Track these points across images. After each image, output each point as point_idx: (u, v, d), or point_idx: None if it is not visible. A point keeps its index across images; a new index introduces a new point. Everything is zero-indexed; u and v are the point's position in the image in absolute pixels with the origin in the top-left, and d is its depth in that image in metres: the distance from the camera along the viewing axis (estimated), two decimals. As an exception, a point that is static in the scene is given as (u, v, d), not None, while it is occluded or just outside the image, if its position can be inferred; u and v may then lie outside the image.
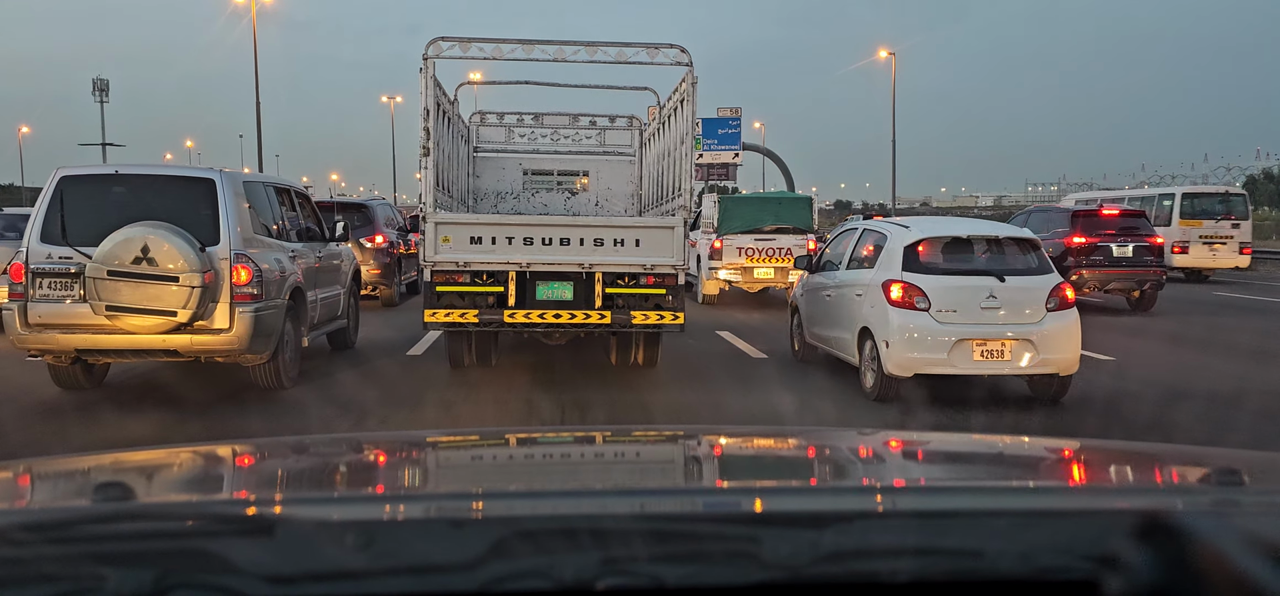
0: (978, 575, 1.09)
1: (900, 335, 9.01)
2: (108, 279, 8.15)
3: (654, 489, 1.68)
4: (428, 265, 9.43)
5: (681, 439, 2.35)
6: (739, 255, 18.52)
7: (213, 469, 1.82)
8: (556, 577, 1.07)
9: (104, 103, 79.71)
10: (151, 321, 8.28)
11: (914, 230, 9.75)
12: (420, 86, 9.60)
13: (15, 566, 1.11)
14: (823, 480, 1.84)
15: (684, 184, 10.02)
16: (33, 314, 8.44)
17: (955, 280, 9.23)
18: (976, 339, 8.94)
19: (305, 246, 10.30)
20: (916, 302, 9.08)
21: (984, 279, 9.19)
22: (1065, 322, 9.12)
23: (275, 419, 8.35)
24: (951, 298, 9.09)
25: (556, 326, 9.65)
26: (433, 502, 1.41)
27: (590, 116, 14.69)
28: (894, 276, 9.23)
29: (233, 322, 8.53)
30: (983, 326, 8.98)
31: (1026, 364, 8.99)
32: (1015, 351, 8.94)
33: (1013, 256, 9.57)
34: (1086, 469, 1.87)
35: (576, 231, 9.62)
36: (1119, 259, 18.32)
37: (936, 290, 9.09)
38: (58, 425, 8.10)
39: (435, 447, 2.19)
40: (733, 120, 49.60)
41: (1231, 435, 8.10)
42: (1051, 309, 9.10)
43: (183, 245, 8.23)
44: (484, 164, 14.47)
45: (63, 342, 8.50)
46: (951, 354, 8.93)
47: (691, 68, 9.84)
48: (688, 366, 11.01)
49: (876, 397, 9.20)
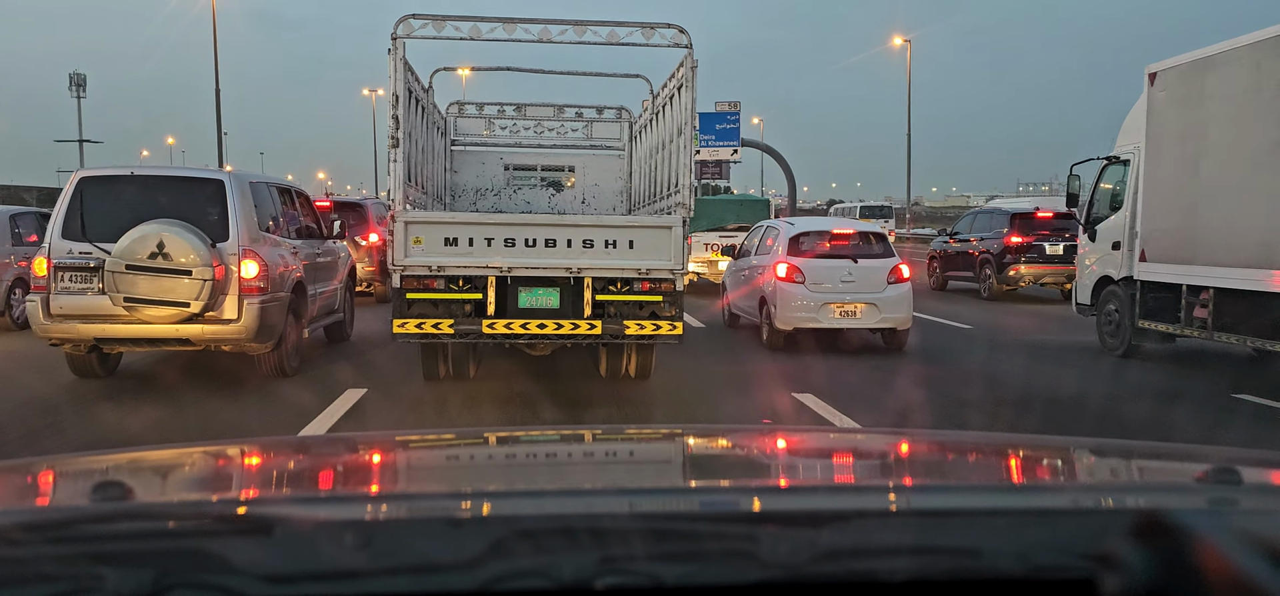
0: (975, 574, 1.01)
1: (784, 300, 11.51)
2: (125, 272, 8.09)
3: (652, 488, 1.57)
4: (397, 270, 7.85)
5: (680, 438, 2.22)
6: (705, 250, 18.85)
7: (212, 468, 1.69)
8: (555, 577, 0.98)
9: (82, 98, 71.33)
10: (166, 312, 8.23)
11: (798, 226, 12.48)
12: (389, 70, 7.96)
13: (14, 566, 1.01)
14: (821, 479, 1.73)
15: (682, 179, 8.41)
16: (55, 305, 8.38)
17: (824, 262, 11.72)
18: (837, 303, 11.46)
19: (305, 244, 10.17)
20: (796, 278, 11.57)
21: (844, 262, 11.72)
22: (901, 292, 11.61)
23: (274, 404, 8.28)
24: (821, 274, 11.58)
25: (541, 337, 8.09)
26: (432, 502, 1.30)
27: (577, 108, 12.91)
28: (783, 257, 11.75)
29: (241, 314, 8.47)
30: (842, 294, 11.49)
31: (873, 320, 11.56)
32: (865, 312, 11.49)
33: (866, 245, 12.09)
34: (1084, 468, 1.77)
35: (564, 232, 8.05)
36: (1051, 256, 18.89)
37: (810, 269, 11.60)
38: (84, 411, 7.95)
39: (434, 447, 2.06)
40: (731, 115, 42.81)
41: (1002, 368, 10.88)
42: (891, 282, 11.61)
43: (195, 241, 8.20)
44: (462, 158, 12.64)
45: (83, 332, 8.44)
46: (819, 313, 11.44)
47: (691, 50, 8.16)
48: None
49: (768, 346, 11.68)
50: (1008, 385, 9.62)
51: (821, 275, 11.55)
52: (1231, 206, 9.57)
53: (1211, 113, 9.90)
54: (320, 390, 8.51)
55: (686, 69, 8.28)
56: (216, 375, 9.19)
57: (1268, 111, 9.06)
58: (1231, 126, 9.66)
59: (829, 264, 11.67)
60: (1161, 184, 10.61)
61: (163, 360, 9.88)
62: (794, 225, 12.56)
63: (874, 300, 11.45)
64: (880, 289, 11.52)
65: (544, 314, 8.01)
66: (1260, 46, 9.25)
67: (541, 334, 8.01)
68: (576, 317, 7.97)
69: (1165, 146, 10.57)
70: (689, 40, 8.06)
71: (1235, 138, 9.60)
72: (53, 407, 7.98)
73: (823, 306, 11.39)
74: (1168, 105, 10.55)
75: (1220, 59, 9.84)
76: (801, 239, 12.01)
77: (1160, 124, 10.67)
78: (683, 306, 8.20)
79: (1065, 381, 9.95)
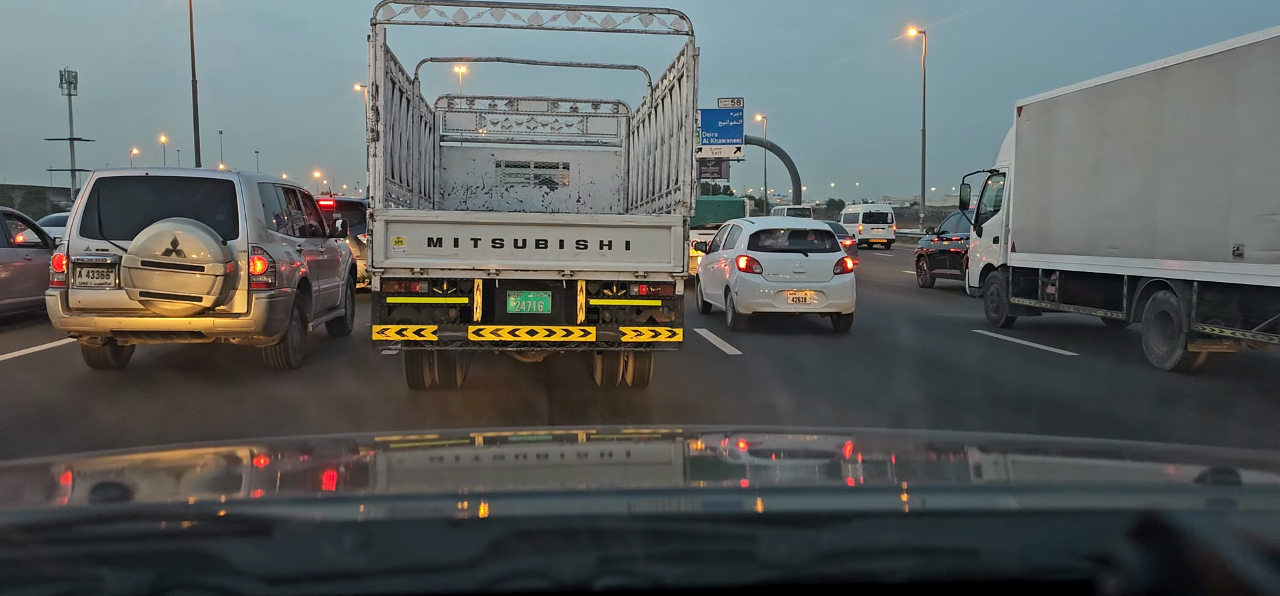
0: (975, 574, 0.95)
1: (745, 288, 12.53)
2: (141, 268, 8.05)
3: (652, 488, 1.50)
4: (376, 272, 6.94)
5: (679, 438, 2.11)
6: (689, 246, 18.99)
7: (211, 469, 1.60)
8: (555, 577, 0.92)
9: (72, 96, 66.39)
10: (179, 306, 8.20)
11: (757, 225, 13.41)
12: (368, 58, 6.96)
13: (12, 567, 0.94)
14: (820, 479, 1.65)
15: (682, 175, 7.37)
16: (73, 299, 8.33)
17: (779, 255, 12.69)
18: (790, 290, 12.47)
19: (308, 242, 10.08)
20: (754, 269, 12.53)
21: (796, 255, 12.71)
22: (845, 281, 12.60)
23: (283, 392, 8.17)
24: (776, 265, 12.56)
25: (531, 344, 7.21)
26: (431, 503, 1.23)
27: (571, 102, 11.76)
28: (743, 252, 12.71)
29: (250, 307, 8.42)
30: (795, 282, 12.49)
31: (821, 305, 12.54)
32: (814, 298, 12.48)
33: (815, 241, 13.05)
34: (1083, 468, 1.69)
35: (556, 232, 7.11)
36: None
37: (767, 261, 12.58)
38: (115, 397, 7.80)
39: (433, 447, 1.97)
40: (734, 112, 39.76)
41: (908, 340, 12.24)
42: (836, 273, 12.58)
43: (207, 239, 8.16)
44: (451, 154, 11.51)
45: (100, 325, 8.39)
46: (774, 299, 12.44)
47: (692, 37, 7.19)
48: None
49: (732, 327, 12.57)
50: (905, 350, 11.39)
51: (777, 267, 12.55)
52: (1069, 210, 11.88)
53: (1057, 140, 12.22)
54: (324, 380, 8.43)
55: (687, 58, 7.34)
56: (220, 370, 9.10)
57: (1090, 141, 11.45)
58: (1068, 151, 11.94)
59: (783, 257, 12.66)
60: (1025, 192, 12.87)
61: (176, 351, 9.77)
62: (754, 224, 13.50)
63: (822, 288, 12.44)
64: (828, 278, 12.50)
65: (534, 319, 7.15)
66: (1087, 92, 11.63)
67: (531, 341, 7.14)
68: (569, 324, 7.09)
69: (1027, 164, 12.84)
70: (690, 27, 7.12)
71: (1070, 159, 11.88)
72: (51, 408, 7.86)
73: (778, 293, 12.42)
74: (1029, 133, 12.83)
75: (1063, 99, 12.16)
76: (760, 236, 12.95)
77: (1024, 147, 12.92)
78: (683, 312, 7.28)
79: (947, 345, 12.04)
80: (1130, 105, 10.71)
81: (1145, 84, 10.48)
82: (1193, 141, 9.63)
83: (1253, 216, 8.80)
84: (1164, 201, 10.07)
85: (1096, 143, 11.25)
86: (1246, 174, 8.91)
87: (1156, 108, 10.23)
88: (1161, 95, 10.17)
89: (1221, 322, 9.31)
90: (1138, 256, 10.45)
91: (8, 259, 12.08)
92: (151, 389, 8.30)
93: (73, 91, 66.69)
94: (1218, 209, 9.22)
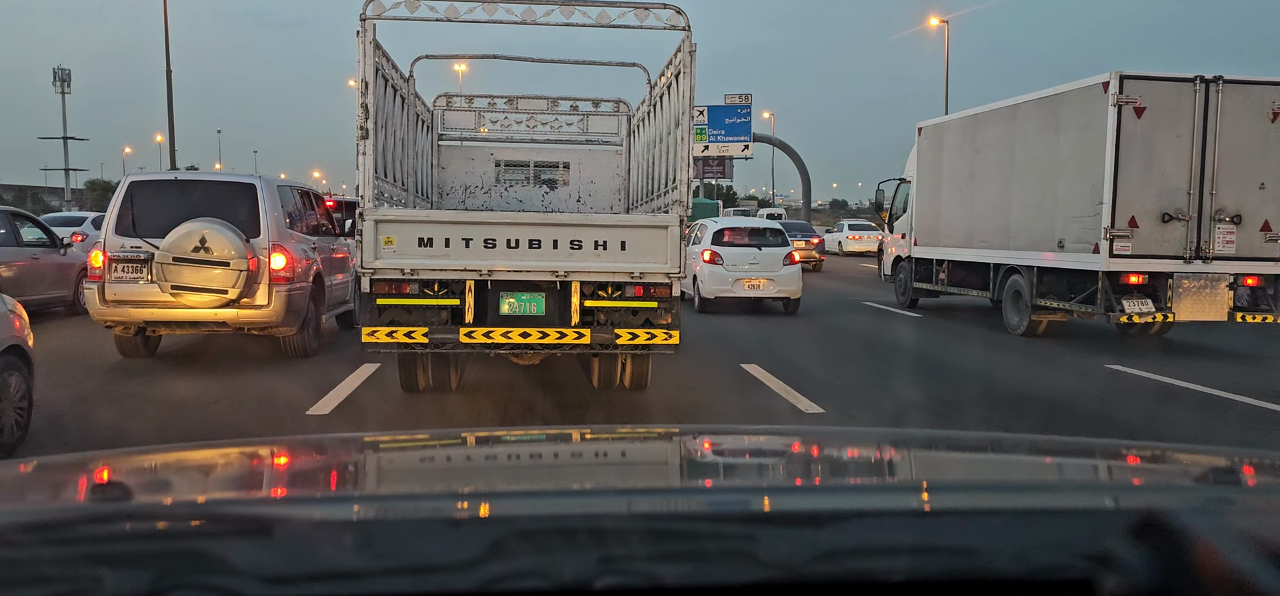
0: (974, 574, 0.87)
1: (708, 277, 13.74)
2: (172, 264, 8.06)
3: (651, 488, 1.40)
4: (366, 273, 6.29)
5: (678, 438, 1.98)
6: None
7: (211, 469, 1.50)
8: (555, 577, 0.84)
9: (66, 94, 60.93)
10: (207, 298, 8.20)
11: (721, 223, 14.75)
12: (358, 54, 6.30)
13: (12, 567, 0.86)
14: (820, 479, 1.54)
15: (679, 174, 6.72)
16: (110, 292, 8.35)
17: (737, 249, 13.88)
18: (747, 279, 13.71)
19: (321, 240, 9.98)
20: (716, 261, 13.77)
21: (751, 249, 13.92)
22: (793, 271, 13.94)
23: (305, 371, 8.09)
24: (735, 257, 13.78)
25: (524, 347, 6.56)
26: (431, 502, 1.14)
27: (571, 100, 10.86)
28: (707, 247, 13.90)
29: (271, 300, 8.42)
30: (750, 272, 13.72)
31: (772, 292, 13.82)
32: (766, 285, 13.75)
33: (768, 237, 14.21)
34: (1083, 467, 1.59)
35: (549, 232, 6.48)
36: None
37: (727, 254, 13.79)
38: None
39: (433, 447, 1.85)
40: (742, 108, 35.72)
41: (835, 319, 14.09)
42: (785, 264, 13.89)
43: (232, 237, 8.17)
44: (450, 153, 10.63)
45: (134, 316, 8.40)
46: (733, 286, 13.68)
47: (689, 32, 6.53)
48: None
49: (699, 310, 13.57)
50: (831, 325, 13.24)
51: (736, 258, 13.77)
52: (953, 212, 13.69)
53: (944, 157, 14.00)
54: (339, 364, 8.37)
55: (684, 53, 6.65)
56: (252, 353, 8.99)
57: (967, 158, 13.33)
58: (952, 165, 13.75)
59: (741, 251, 13.86)
60: (923, 197, 14.63)
61: (198, 341, 9.65)
62: (717, 223, 14.76)
63: (773, 277, 13.74)
64: (778, 269, 13.80)
65: (528, 321, 6.51)
66: (965, 119, 13.67)
67: (524, 343, 6.49)
68: (563, 326, 6.46)
69: (924, 174, 14.56)
70: (687, 22, 6.44)
71: (952, 172, 13.73)
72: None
73: (736, 281, 13.67)
74: (926, 149, 14.61)
75: (949, 124, 14.26)
76: (722, 233, 14.18)
77: (923, 160, 14.68)
78: (680, 313, 6.66)
79: (862, 321, 14.06)
80: (993, 132, 12.73)
81: (1003, 116, 12.49)
82: (1033, 162, 11.71)
83: (1069, 218, 10.90)
84: (1015, 206, 12.07)
85: (971, 159, 13.23)
86: (1065, 187, 11.02)
87: (1010, 135, 12.26)
88: (1014, 125, 12.19)
89: (1054, 297, 11.32)
90: (998, 248, 12.40)
91: (14, 258, 11.56)
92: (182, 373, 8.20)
93: (67, 90, 61.54)
94: (1047, 213, 11.33)
